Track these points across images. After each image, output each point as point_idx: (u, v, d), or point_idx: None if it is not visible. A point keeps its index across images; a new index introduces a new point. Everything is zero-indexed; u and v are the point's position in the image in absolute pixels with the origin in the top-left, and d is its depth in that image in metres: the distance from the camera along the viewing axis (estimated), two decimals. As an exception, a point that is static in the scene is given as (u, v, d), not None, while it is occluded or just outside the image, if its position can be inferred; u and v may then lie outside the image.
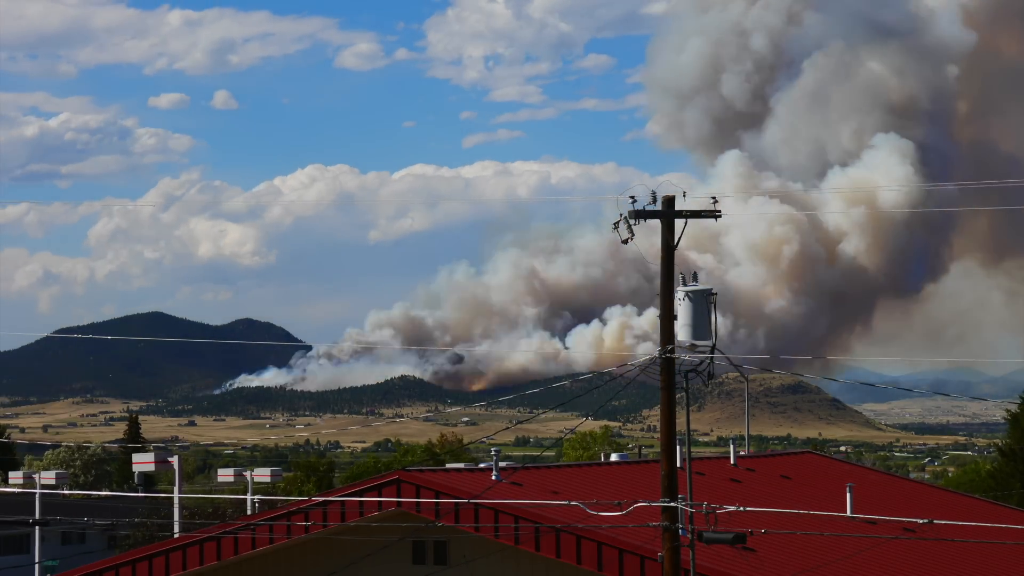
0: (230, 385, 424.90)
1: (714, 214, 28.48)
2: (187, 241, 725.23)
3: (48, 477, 70.78)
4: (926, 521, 31.99)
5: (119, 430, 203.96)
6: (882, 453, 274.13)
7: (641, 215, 27.72)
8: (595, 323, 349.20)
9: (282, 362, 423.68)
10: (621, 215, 27.82)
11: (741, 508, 29.44)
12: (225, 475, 74.16)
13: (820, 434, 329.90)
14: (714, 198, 28.57)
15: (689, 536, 27.49)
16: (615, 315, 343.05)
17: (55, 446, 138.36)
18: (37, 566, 67.03)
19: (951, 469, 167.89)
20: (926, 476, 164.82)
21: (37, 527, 66.53)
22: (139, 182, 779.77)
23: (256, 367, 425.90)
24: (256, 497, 63.85)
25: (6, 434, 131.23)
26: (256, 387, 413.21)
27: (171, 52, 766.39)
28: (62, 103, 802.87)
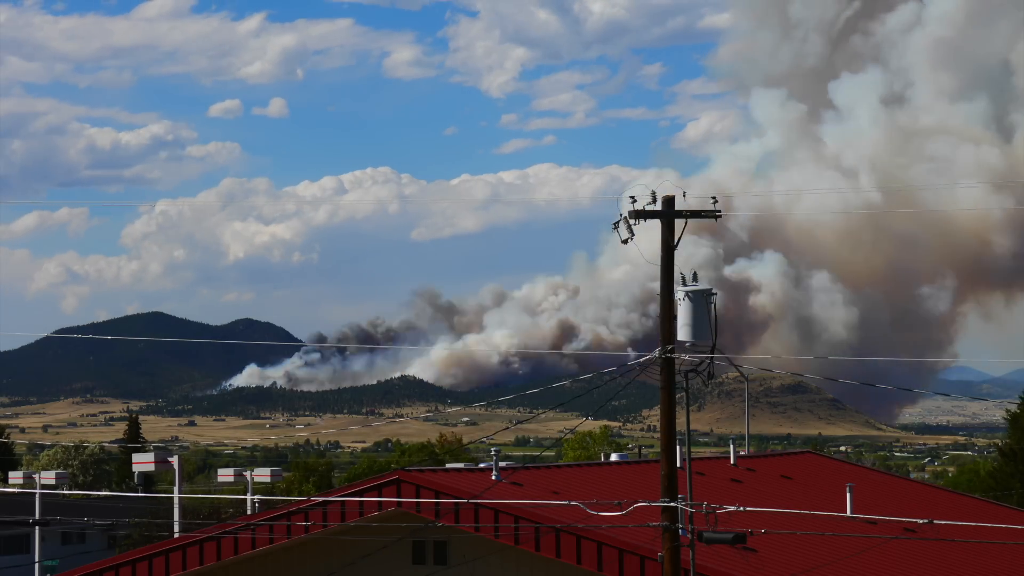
0: (230, 385, 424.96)
1: (714, 214, 28.46)
2: (218, 242, 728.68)
3: (48, 477, 70.75)
4: (926, 521, 31.98)
5: (119, 430, 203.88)
6: (882, 453, 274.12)
7: (641, 215, 27.71)
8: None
9: (281, 362, 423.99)
10: (621, 215, 27.81)
11: (741, 508, 29.43)
12: (225, 475, 74.08)
13: (820, 434, 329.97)
14: (714, 198, 28.55)
15: (689, 536, 27.48)
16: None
17: (54, 446, 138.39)
18: (37, 566, 67.02)
19: (951, 469, 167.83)
20: (926, 476, 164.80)
21: (37, 527, 66.50)
22: (192, 188, 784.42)
23: (255, 366, 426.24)
24: (256, 497, 63.82)
25: (6, 434, 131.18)
26: (256, 387, 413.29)
27: (230, 62, 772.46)
28: (124, 113, 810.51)
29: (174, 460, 63.52)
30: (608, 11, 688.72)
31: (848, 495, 36.71)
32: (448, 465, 47.40)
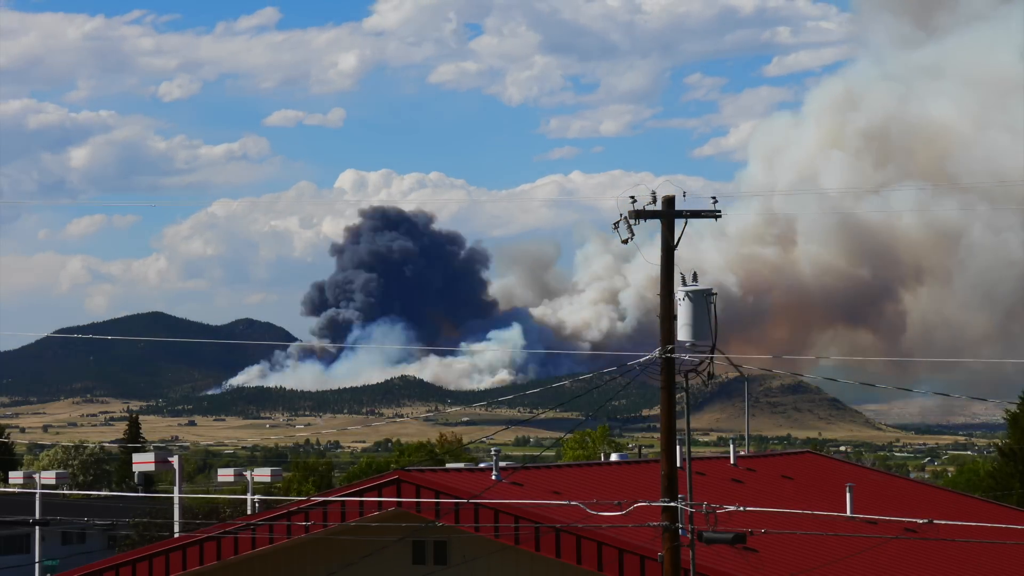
0: (230, 385, 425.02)
1: (714, 214, 28.48)
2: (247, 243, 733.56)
3: (48, 477, 70.76)
4: (926, 521, 31.99)
5: (119, 430, 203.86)
6: (882, 453, 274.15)
7: (641, 215, 27.72)
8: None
9: (280, 361, 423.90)
10: (621, 215, 27.83)
11: (741, 508, 29.44)
12: (225, 475, 74.08)
13: (820, 434, 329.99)
14: (714, 198, 28.58)
15: (689, 536, 27.50)
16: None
17: (54, 446, 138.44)
18: (37, 566, 67.04)
19: (951, 469, 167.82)
20: (926, 476, 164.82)
21: (37, 527, 66.51)
22: (242, 192, 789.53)
23: (255, 366, 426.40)
24: (256, 497, 63.84)
25: (6, 434, 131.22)
26: (256, 387, 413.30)
27: (291, 72, 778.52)
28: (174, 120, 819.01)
29: (174, 460, 63.51)
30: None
31: (848, 495, 36.72)
32: (448, 465, 47.41)
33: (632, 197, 27.73)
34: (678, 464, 28.74)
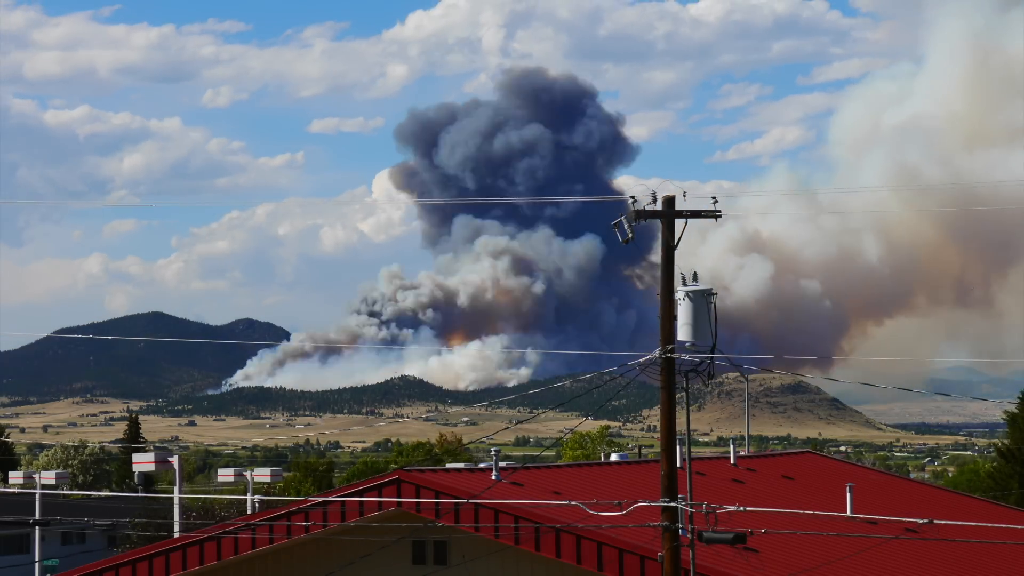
0: (230, 385, 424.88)
1: (714, 214, 28.48)
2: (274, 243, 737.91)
3: (48, 477, 70.76)
4: (926, 521, 31.99)
5: (119, 430, 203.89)
6: (882, 453, 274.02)
7: (641, 215, 27.71)
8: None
9: (280, 362, 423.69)
10: (621, 215, 27.82)
11: (741, 508, 29.44)
12: (225, 475, 74.06)
13: (820, 434, 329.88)
14: (714, 198, 28.58)
15: (689, 536, 27.49)
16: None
17: (54, 446, 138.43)
18: (37, 566, 67.04)
19: (951, 469, 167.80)
20: (926, 476, 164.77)
21: (37, 527, 66.50)
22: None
23: (255, 366, 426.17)
24: (256, 497, 63.84)
25: (6, 434, 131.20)
26: (256, 387, 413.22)
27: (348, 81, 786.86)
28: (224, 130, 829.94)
29: (174, 460, 63.49)
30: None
31: (848, 495, 36.70)
32: (448, 465, 47.41)
33: (632, 197, 27.73)
34: (678, 464, 28.74)
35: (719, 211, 28.40)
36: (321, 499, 34.00)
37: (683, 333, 27.92)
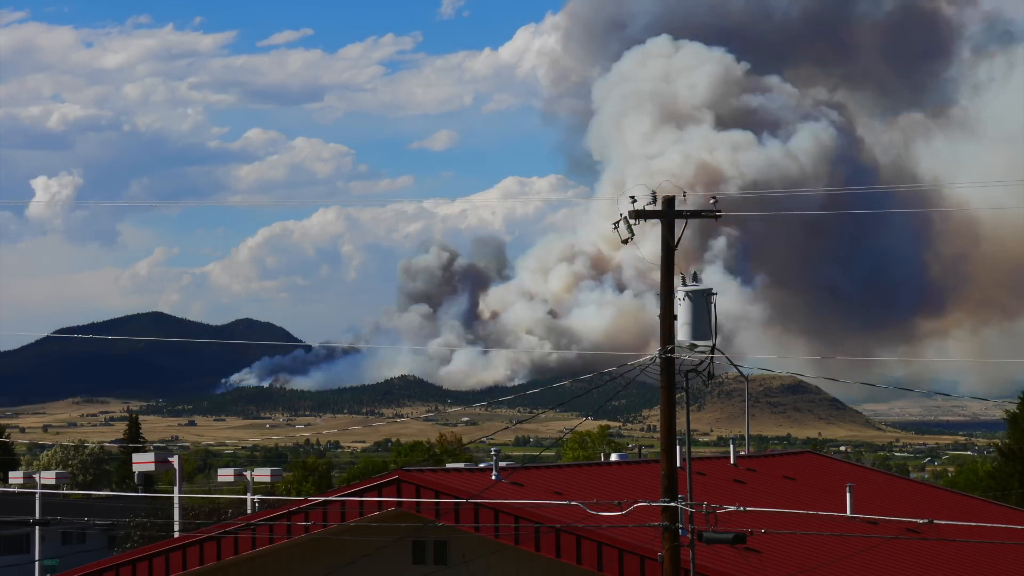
0: (230, 385, 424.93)
1: (714, 214, 28.47)
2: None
3: (48, 477, 70.78)
4: (926, 521, 31.99)
5: (119, 430, 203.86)
6: (882, 453, 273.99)
7: (641, 215, 27.70)
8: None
9: (280, 362, 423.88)
10: (621, 215, 27.81)
11: (741, 508, 29.44)
12: (225, 475, 74.06)
13: (820, 434, 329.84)
14: (714, 198, 28.56)
15: (689, 536, 27.49)
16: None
17: (53, 446, 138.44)
18: (37, 566, 67.05)
19: (951, 469, 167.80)
20: (926, 476, 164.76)
21: (37, 527, 66.51)
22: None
23: (255, 366, 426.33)
24: (256, 497, 63.85)
25: (6, 434, 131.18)
26: (256, 387, 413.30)
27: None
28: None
29: (174, 460, 63.50)
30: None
31: (848, 495, 36.70)
32: (448, 465, 47.40)
33: (632, 197, 27.72)
34: (678, 464, 28.74)
35: (719, 211, 28.39)
36: (321, 499, 34.00)
37: (683, 333, 27.91)
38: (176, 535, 47.68)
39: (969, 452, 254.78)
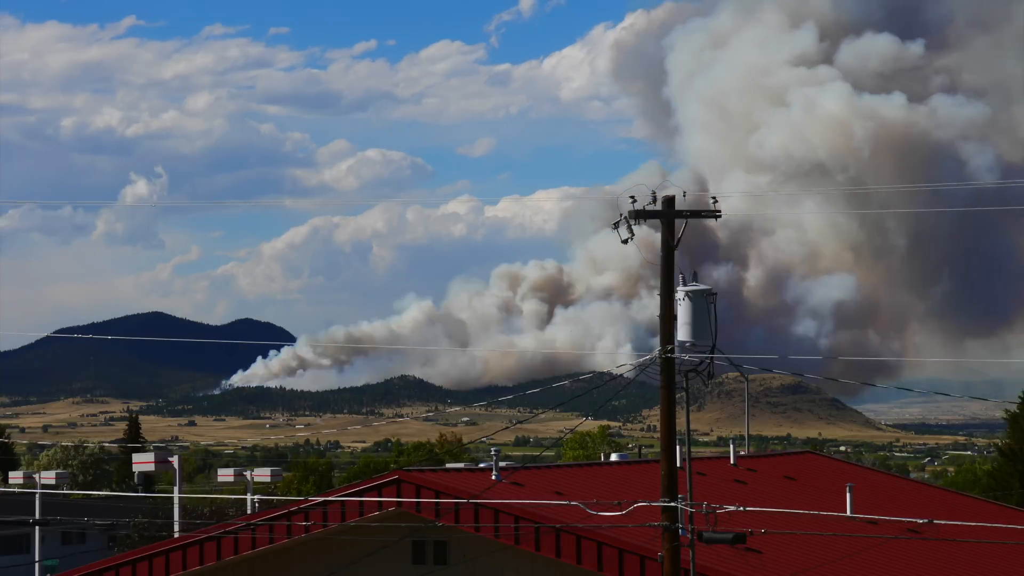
0: (230, 385, 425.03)
1: (714, 214, 28.45)
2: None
3: (48, 477, 70.76)
4: (926, 521, 31.98)
5: (119, 430, 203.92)
6: (882, 453, 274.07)
7: (641, 215, 27.68)
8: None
9: (280, 362, 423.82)
10: (621, 215, 27.79)
11: (741, 508, 29.43)
12: (225, 475, 74.05)
13: (820, 434, 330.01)
14: (714, 198, 28.55)
15: (689, 536, 27.48)
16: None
17: (53, 446, 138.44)
18: (37, 566, 67.04)
19: (951, 469, 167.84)
20: (926, 476, 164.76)
21: (37, 527, 66.51)
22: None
23: (256, 367, 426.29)
24: (256, 497, 63.84)
25: (6, 434, 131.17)
26: (256, 387, 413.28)
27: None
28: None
29: (174, 460, 63.50)
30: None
31: (848, 495, 36.70)
32: (448, 465, 47.39)
33: (632, 197, 27.70)
34: (678, 464, 28.73)
35: (719, 211, 28.38)
36: (321, 499, 33.99)
37: (683, 333, 27.90)
38: (176, 535, 47.67)
39: (969, 452, 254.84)
